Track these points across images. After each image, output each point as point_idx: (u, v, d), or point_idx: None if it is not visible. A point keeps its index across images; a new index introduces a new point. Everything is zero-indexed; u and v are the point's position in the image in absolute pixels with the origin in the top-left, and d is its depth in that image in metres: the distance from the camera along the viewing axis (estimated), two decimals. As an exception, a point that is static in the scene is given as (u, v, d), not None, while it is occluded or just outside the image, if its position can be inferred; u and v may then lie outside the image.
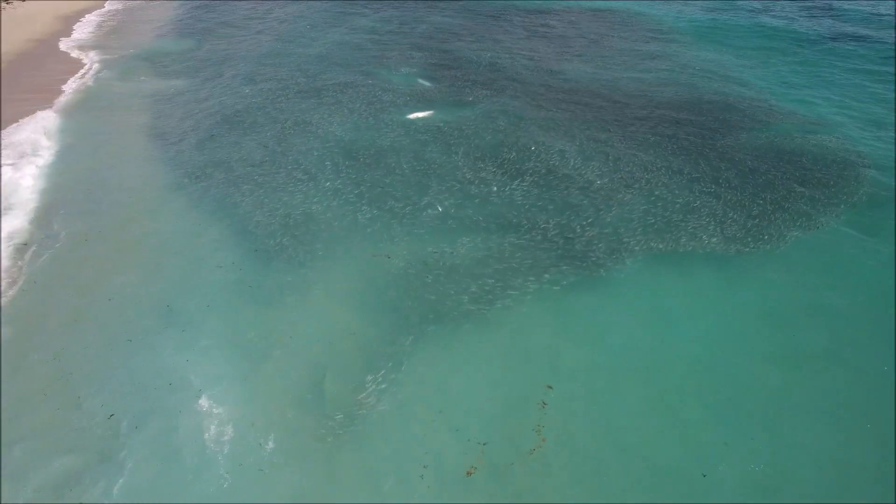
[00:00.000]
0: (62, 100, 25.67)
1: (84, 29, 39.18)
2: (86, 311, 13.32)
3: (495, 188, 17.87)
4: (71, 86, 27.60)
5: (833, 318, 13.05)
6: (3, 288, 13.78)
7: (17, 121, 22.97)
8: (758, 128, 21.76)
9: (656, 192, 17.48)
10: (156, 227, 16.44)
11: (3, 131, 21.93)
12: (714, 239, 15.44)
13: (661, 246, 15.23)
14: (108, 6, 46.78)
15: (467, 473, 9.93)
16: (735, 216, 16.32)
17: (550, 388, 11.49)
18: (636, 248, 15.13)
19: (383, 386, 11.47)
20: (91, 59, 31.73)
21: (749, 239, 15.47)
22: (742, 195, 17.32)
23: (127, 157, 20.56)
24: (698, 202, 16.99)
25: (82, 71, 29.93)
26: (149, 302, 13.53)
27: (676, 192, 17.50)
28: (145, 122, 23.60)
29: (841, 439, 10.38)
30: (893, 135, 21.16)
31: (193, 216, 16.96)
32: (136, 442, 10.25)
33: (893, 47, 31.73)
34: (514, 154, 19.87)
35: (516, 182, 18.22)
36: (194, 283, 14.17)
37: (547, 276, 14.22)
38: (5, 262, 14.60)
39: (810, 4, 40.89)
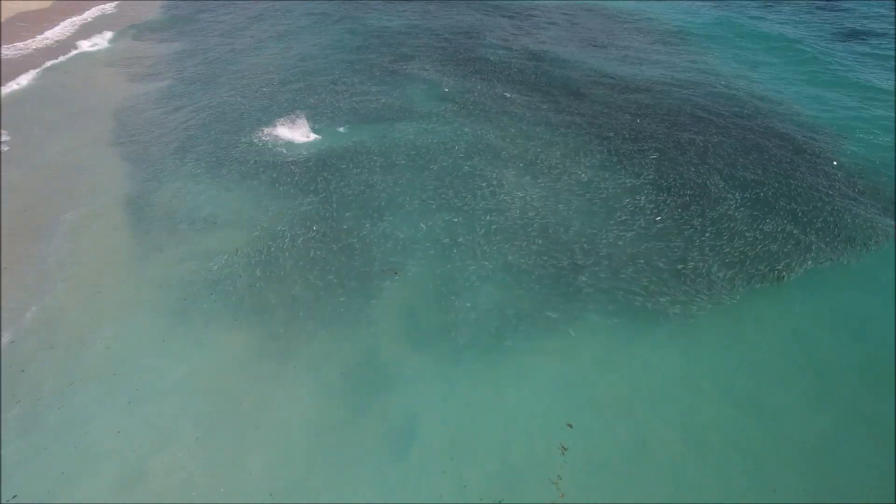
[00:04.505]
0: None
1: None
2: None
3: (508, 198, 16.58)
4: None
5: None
6: None
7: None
8: (780, 135, 20.52)
9: (683, 219, 16.09)
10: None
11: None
12: (737, 269, 14.09)
13: (679, 272, 13.93)
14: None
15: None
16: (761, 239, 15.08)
17: (571, 426, 10.32)
18: (648, 280, 13.71)
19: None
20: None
21: (769, 266, 14.11)
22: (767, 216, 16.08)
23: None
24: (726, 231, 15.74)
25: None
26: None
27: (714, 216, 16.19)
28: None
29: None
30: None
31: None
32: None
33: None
34: (523, 163, 18.58)
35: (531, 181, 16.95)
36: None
37: (555, 312, 12.85)
38: None
39: (818, 4, 39.74)
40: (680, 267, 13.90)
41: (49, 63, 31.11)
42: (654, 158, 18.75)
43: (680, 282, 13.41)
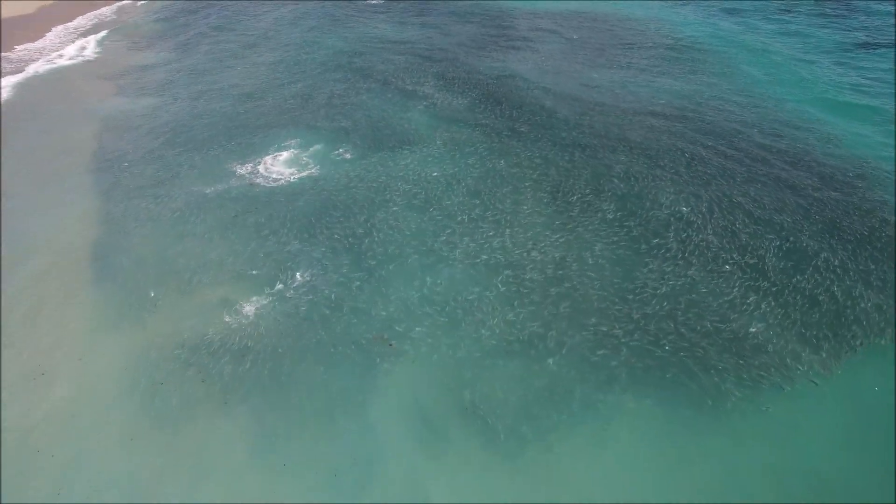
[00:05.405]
0: None
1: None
2: None
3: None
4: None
5: None
6: None
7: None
8: (815, 174, 18.74)
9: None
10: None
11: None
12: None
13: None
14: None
15: None
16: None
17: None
18: (702, 351, 12.08)
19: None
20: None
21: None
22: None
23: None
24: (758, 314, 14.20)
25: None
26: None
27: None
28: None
29: None
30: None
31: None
32: None
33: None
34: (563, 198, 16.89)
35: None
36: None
37: (593, 392, 11.29)
38: None
39: (831, 9, 38.20)
40: (722, 326, 12.35)
41: (30, 72, 29.26)
42: (673, 192, 17.17)
43: (731, 354, 11.78)
